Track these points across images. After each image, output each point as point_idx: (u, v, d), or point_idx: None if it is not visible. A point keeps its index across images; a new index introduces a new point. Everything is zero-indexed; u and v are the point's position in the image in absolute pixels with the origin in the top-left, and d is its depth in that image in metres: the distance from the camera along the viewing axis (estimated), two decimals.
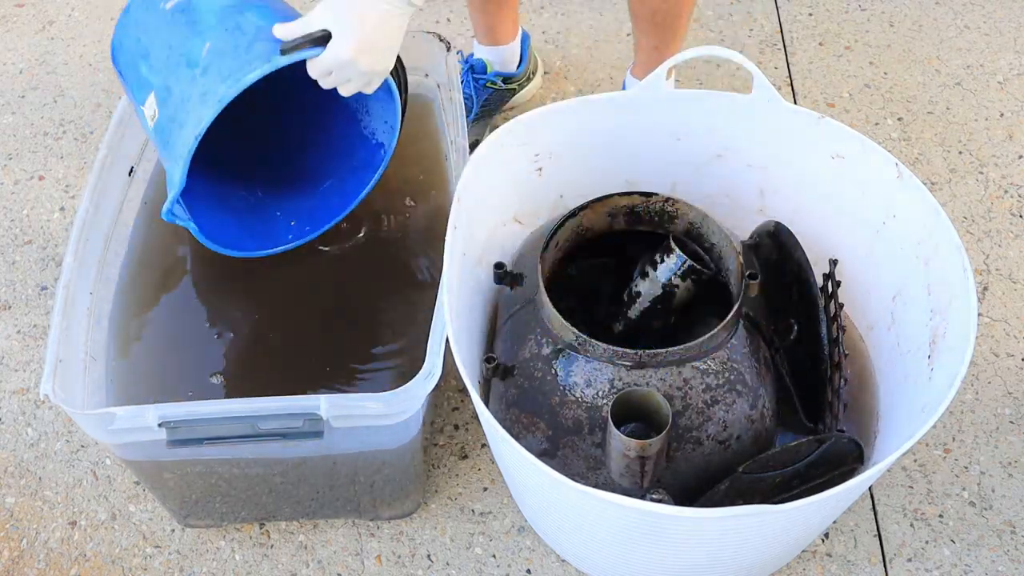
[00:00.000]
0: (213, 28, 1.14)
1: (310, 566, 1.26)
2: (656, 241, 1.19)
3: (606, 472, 1.10)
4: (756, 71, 1.20)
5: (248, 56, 1.09)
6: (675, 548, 1.04)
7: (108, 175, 1.30)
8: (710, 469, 1.10)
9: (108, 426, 1.06)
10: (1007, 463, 1.34)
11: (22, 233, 1.63)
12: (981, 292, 1.51)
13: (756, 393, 1.12)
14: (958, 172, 1.67)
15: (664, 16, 1.48)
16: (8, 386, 1.45)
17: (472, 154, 1.20)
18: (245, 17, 1.14)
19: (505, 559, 1.26)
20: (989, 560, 1.25)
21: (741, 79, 1.81)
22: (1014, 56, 1.86)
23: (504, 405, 1.15)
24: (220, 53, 1.11)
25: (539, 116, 1.24)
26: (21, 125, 1.80)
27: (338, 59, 1.08)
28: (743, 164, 1.32)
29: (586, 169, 1.32)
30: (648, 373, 1.08)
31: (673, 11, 1.48)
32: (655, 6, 1.47)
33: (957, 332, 1.06)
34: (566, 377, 1.10)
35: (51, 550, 1.29)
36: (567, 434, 1.11)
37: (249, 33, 1.12)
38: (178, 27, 1.16)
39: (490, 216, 1.27)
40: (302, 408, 1.06)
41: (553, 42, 1.91)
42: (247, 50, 1.10)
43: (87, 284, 1.23)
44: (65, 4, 2.03)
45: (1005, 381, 1.41)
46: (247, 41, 1.11)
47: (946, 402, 0.97)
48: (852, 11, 1.97)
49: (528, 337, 1.15)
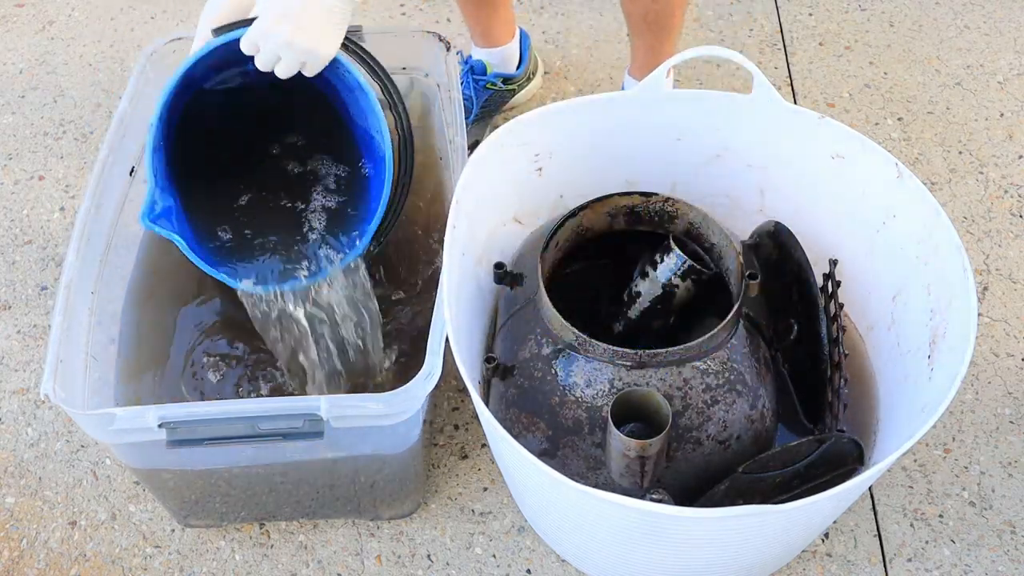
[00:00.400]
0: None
1: (310, 566, 1.26)
2: (656, 241, 1.19)
3: (606, 472, 1.10)
4: (756, 71, 1.20)
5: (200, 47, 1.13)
6: (675, 548, 1.04)
7: (109, 175, 1.30)
8: (710, 469, 1.10)
9: (108, 426, 1.06)
10: (1007, 463, 1.34)
11: (22, 233, 1.63)
12: (981, 292, 1.51)
13: (756, 393, 1.12)
14: (958, 172, 1.67)
15: (657, 15, 1.48)
16: (8, 386, 1.45)
17: (472, 154, 1.20)
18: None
19: (505, 559, 1.27)
20: (989, 560, 1.25)
21: (741, 79, 1.81)
22: (1014, 56, 1.86)
23: (504, 405, 1.15)
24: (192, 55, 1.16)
25: (539, 116, 1.24)
26: (21, 125, 1.80)
27: (261, 29, 1.09)
28: (743, 164, 1.32)
29: (586, 169, 1.32)
30: (648, 373, 1.08)
31: (665, 11, 1.48)
32: (646, 6, 1.47)
33: (957, 332, 1.06)
34: (566, 377, 1.10)
35: (51, 550, 1.29)
36: (567, 434, 1.11)
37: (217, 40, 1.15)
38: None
39: (490, 216, 1.27)
40: (302, 408, 1.06)
41: (553, 42, 1.91)
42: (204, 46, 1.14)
43: (88, 284, 1.23)
44: (65, 4, 2.03)
45: (1005, 381, 1.41)
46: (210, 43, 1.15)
47: (946, 402, 0.97)
48: (852, 11, 1.97)
49: (528, 337, 1.15)
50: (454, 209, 1.15)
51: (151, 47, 1.45)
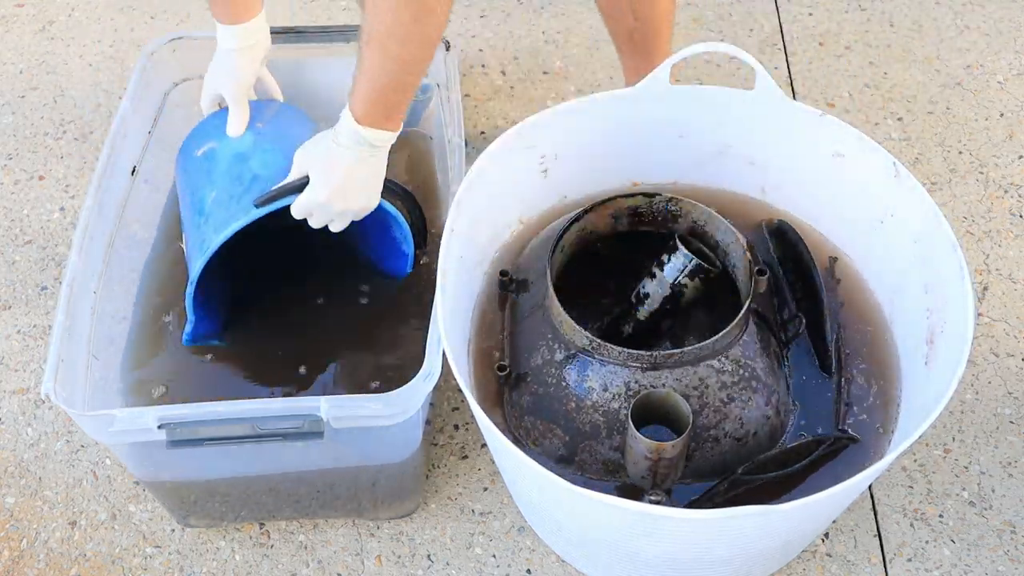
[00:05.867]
0: (221, 177, 1.23)
1: (310, 566, 1.26)
2: (661, 241, 1.19)
3: (625, 475, 1.10)
4: (758, 67, 1.20)
5: (237, 208, 1.18)
6: (675, 548, 1.04)
7: (111, 174, 1.30)
8: (728, 466, 1.10)
9: (108, 427, 1.06)
10: (1007, 463, 1.34)
11: (22, 233, 1.63)
12: (981, 292, 1.51)
13: (771, 389, 1.12)
14: (958, 172, 1.67)
15: (643, 36, 1.46)
16: (8, 386, 1.45)
17: (477, 160, 1.19)
18: (247, 166, 1.23)
19: (505, 559, 1.27)
20: (989, 560, 1.25)
21: (741, 79, 1.81)
22: (1014, 56, 1.86)
23: (518, 413, 1.15)
24: (219, 203, 1.21)
25: (546, 118, 1.24)
26: (21, 125, 1.80)
27: (314, 203, 1.15)
28: (745, 162, 1.32)
29: (590, 169, 1.32)
30: (663, 374, 1.08)
31: (650, 30, 1.46)
32: (630, 25, 1.46)
33: (954, 331, 1.06)
34: (581, 382, 1.10)
35: (51, 550, 1.29)
36: (585, 439, 1.10)
37: (245, 182, 1.21)
38: (200, 174, 1.26)
39: (493, 219, 1.27)
40: (302, 409, 1.06)
41: (553, 42, 1.91)
42: (238, 201, 1.19)
43: (90, 283, 1.23)
44: (65, 4, 2.03)
45: (1005, 381, 1.41)
46: (241, 191, 1.20)
47: (944, 401, 0.97)
48: (852, 11, 1.97)
49: (539, 343, 1.14)
50: (452, 212, 1.15)
51: (151, 47, 1.45)
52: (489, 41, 1.92)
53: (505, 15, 1.96)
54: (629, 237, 1.27)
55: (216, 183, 1.23)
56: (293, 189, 1.16)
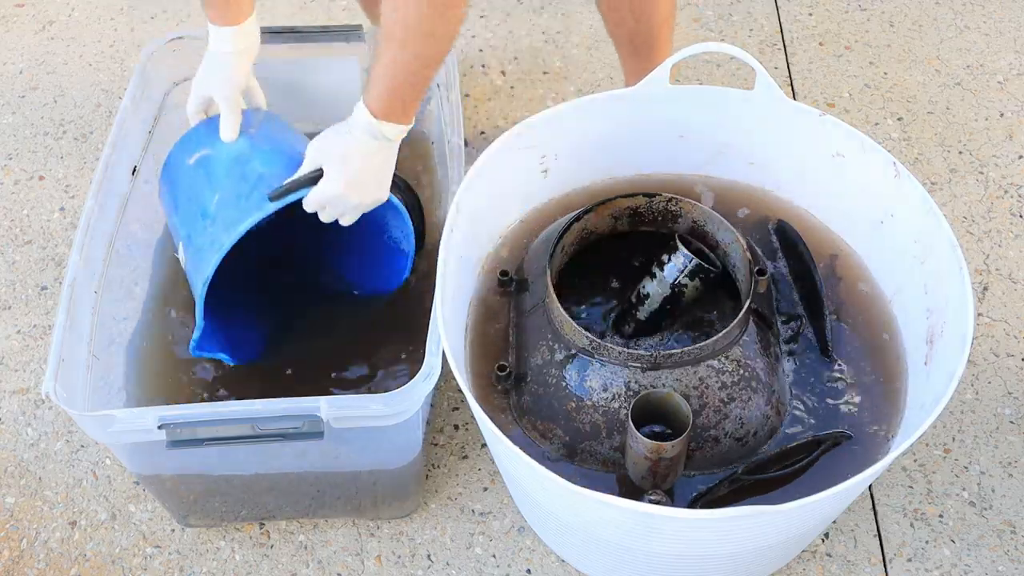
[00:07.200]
0: (222, 179, 1.23)
1: (310, 566, 1.26)
2: (661, 241, 1.19)
3: (625, 475, 1.10)
4: (758, 67, 1.20)
5: (247, 204, 1.17)
6: (675, 548, 1.04)
7: (111, 174, 1.30)
8: (728, 466, 1.10)
9: (108, 427, 1.06)
10: (1007, 463, 1.34)
11: (22, 233, 1.63)
12: (981, 292, 1.51)
13: (770, 388, 1.12)
14: (958, 172, 1.67)
15: (643, 37, 1.47)
16: (8, 386, 1.45)
17: (477, 160, 1.19)
18: (250, 166, 1.22)
19: (505, 559, 1.27)
20: (989, 560, 1.25)
21: (741, 80, 1.81)
22: (1014, 56, 1.86)
23: (519, 413, 1.15)
24: (225, 203, 1.20)
25: (547, 118, 1.24)
26: (21, 125, 1.80)
27: (328, 195, 1.15)
28: (745, 162, 1.32)
29: (591, 168, 1.32)
30: (663, 374, 1.08)
31: (650, 32, 1.46)
32: (631, 27, 1.46)
33: (954, 331, 1.06)
34: (581, 382, 1.10)
35: (51, 550, 1.29)
36: (585, 439, 1.10)
37: (251, 181, 1.20)
38: (198, 180, 1.25)
39: (493, 219, 1.27)
40: (302, 409, 1.06)
41: (553, 42, 1.91)
42: (247, 198, 1.18)
43: (91, 283, 1.23)
44: (65, 4, 2.03)
45: (1005, 381, 1.41)
46: (248, 189, 1.19)
47: (944, 400, 0.97)
48: (852, 11, 1.96)
49: (539, 343, 1.14)
50: (452, 213, 1.15)
51: (151, 47, 1.45)
52: (489, 41, 1.92)
53: (505, 15, 1.96)
54: (629, 237, 1.27)
55: (219, 186, 1.23)
56: (306, 182, 1.16)
